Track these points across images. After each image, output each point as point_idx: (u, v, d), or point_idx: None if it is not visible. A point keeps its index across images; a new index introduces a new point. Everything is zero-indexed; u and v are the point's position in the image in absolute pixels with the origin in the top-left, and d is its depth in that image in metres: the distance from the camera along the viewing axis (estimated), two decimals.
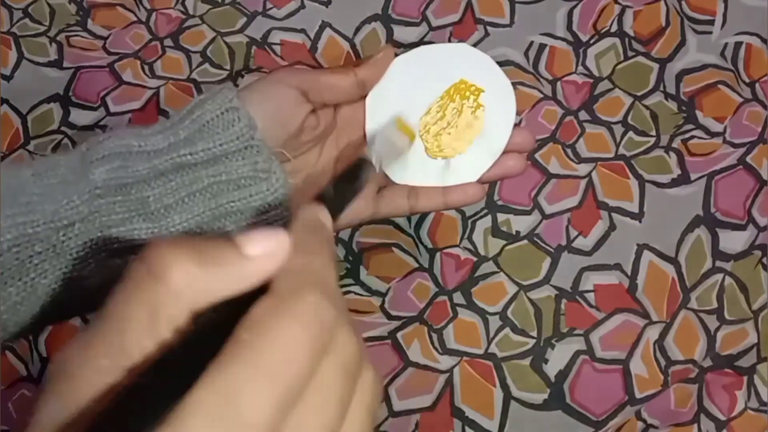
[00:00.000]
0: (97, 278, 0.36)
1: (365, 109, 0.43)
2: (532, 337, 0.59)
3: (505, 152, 0.43)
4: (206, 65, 0.71)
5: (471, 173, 0.43)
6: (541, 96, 0.68)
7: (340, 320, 0.22)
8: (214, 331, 0.22)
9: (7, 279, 0.34)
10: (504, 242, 0.63)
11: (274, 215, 0.38)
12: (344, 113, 0.43)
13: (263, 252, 0.23)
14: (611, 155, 0.65)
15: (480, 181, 0.43)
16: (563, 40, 0.71)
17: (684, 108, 0.67)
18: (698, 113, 0.67)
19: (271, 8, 0.74)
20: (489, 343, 0.59)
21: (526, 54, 0.71)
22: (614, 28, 0.70)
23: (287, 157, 0.39)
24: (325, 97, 0.40)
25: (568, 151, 0.66)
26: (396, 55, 0.43)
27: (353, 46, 0.72)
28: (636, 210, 0.63)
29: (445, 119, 0.44)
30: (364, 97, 0.43)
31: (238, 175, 0.37)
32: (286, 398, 0.20)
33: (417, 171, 0.43)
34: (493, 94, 0.46)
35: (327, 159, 0.43)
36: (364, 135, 0.43)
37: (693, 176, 0.64)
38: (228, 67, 0.71)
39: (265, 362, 0.20)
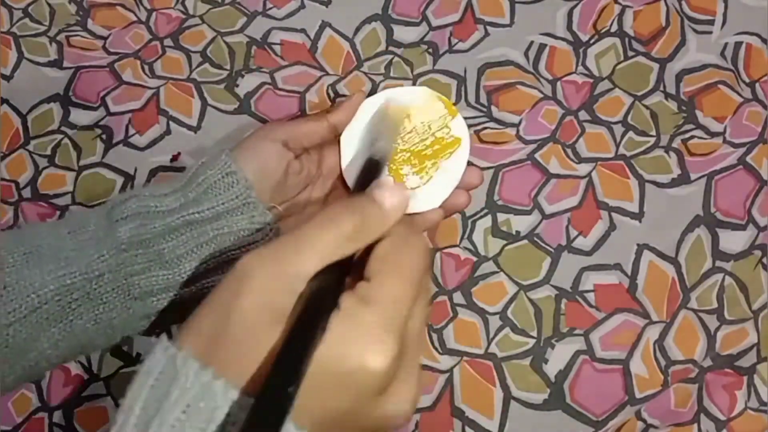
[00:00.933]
0: (120, 318, 0.44)
1: (339, 148, 0.51)
2: (532, 337, 0.59)
3: (456, 188, 0.50)
4: (206, 65, 0.71)
5: (432, 201, 0.50)
6: (541, 96, 0.68)
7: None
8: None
9: (51, 322, 0.41)
10: (504, 242, 0.63)
11: None
12: (328, 159, 0.52)
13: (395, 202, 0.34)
14: (611, 155, 0.65)
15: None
16: (563, 40, 0.71)
17: (684, 108, 0.67)
18: (698, 113, 0.67)
19: (271, 8, 0.74)
20: (489, 343, 0.59)
21: (526, 54, 0.71)
22: (614, 28, 0.70)
23: (278, 209, 0.47)
24: (303, 143, 0.49)
25: (568, 151, 0.66)
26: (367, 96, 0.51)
27: (353, 45, 0.72)
28: (636, 210, 0.63)
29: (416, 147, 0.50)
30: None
31: (237, 228, 0.45)
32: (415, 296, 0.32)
33: None
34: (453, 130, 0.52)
35: (316, 200, 0.51)
36: (341, 171, 0.51)
37: (693, 176, 0.64)
38: (228, 67, 0.71)
39: (407, 272, 0.33)
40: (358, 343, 0.30)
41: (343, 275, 0.33)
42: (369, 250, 0.34)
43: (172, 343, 0.32)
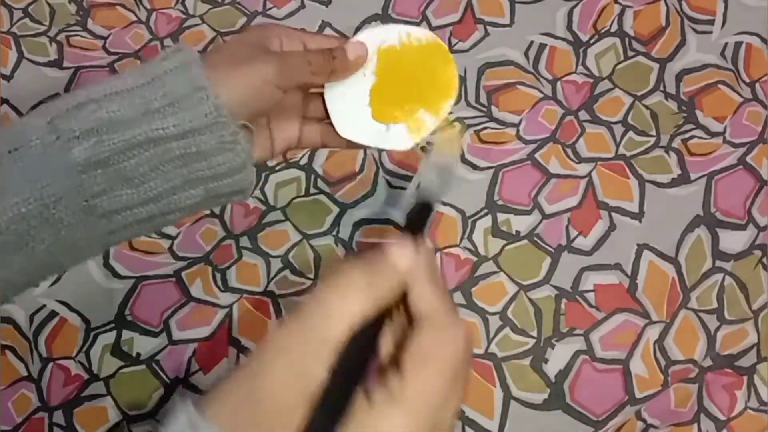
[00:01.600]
0: (85, 237, 0.41)
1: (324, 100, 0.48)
2: (532, 337, 0.59)
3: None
4: None
5: (406, 141, 0.48)
6: (541, 96, 0.68)
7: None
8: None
9: (11, 250, 0.39)
10: (504, 242, 0.63)
11: (239, 179, 0.43)
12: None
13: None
14: (611, 155, 0.65)
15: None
16: (563, 39, 0.71)
17: (684, 108, 0.67)
18: (698, 113, 0.67)
19: (271, 8, 0.74)
20: (489, 343, 0.59)
21: (526, 54, 0.71)
22: (614, 27, 0.70)
23: (251, 128, 0.44)
24: (296, 83, 0.44)
25: (568, 150, 0.66)
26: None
27: None
28: (636, 210, 0.63)
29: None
30: None
31: (206, 147, 0.41)
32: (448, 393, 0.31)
33: (361, 130, 0.48)
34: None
35: (311, 134, 0.49)
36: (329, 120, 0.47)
37: (693, 176, 0.64)
38: None
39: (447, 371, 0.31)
40: None
41: (373, 338, 0.32)
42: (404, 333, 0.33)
43: (196, 409, 0.31)
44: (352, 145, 0.48)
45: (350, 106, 0.47)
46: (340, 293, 0.31)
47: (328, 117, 0.47)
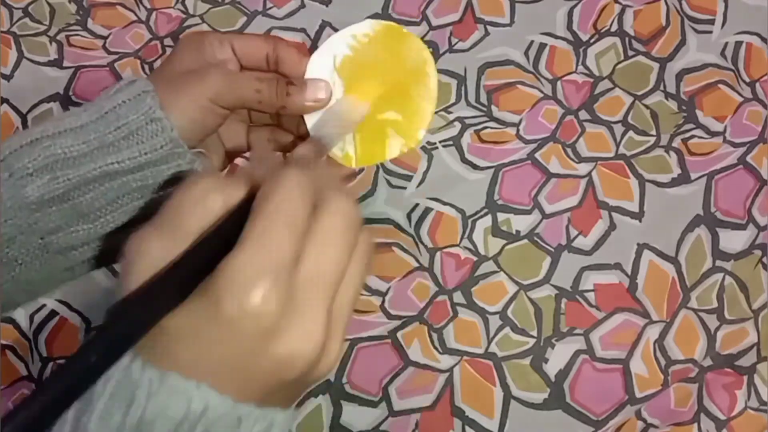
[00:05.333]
0: (41, 274, 0.40)
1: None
2: (532, 337, 0.59)
3: None
4: None
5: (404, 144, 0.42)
6: (541, 95, 0.68)
7: (330, 187, 0.30)
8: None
9: None
10: (504, 242, 0.63)
11: None
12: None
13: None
14: (611, 155, 0.65)
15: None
16: (563, 39, 0.71)
17: (684, 107, 0.67)
18: (698, 113, 0.67)
19: (271, 7, 0.74)
20: (489, 343, 0.59)
21: (526, 53, 0.71)
22: (614, 27, 0.70)
23: (205, 154, 0.43)
24: (242, 106, 0.42)
25: (569, 150, 0.66)
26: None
27: None
28: (636, 209, 0.63)
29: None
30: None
31: (163, 178, 0.41)
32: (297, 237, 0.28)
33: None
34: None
35: (259, 139, 0.46)
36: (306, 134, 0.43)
37: (693, 176, 0.64)
38: None
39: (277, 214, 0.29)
40: (230, 287, 0.28)
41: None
42: None
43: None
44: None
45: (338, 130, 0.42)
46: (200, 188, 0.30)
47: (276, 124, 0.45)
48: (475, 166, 0.66)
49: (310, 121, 0.42)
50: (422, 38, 0.72)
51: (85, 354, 0.26)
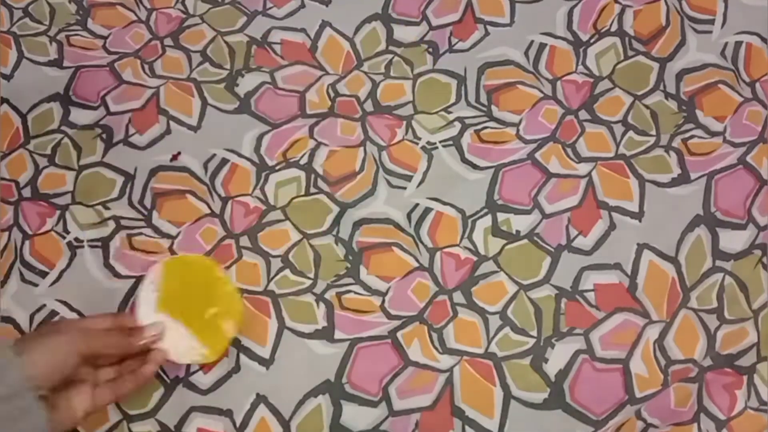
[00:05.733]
0: None
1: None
2: (532, 337, 0.59)
3: None
4: (206, 65, 0.71)
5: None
6: (541, 95, 0.68)
7: None
8: None
9: None
10: (504, 242, 0.63)
11: None
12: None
13: None
14: (611, 155, 0.65)
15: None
16: (563, 39, 0.71)
17: (684, 107, 0.67)
18: (698, 113, 0.67)
19: (271, 7, 0.74)
20: (489, 343, 0.59)
21: (526, 53, 0.71)
22: (614, 27, 0.70)
23: (47, 398, 0.49)
24: (94, 352, 0.51)
25: (569, 150, 0.66)
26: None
27: (353, 45, 0.72)
28: (636, 209, 0.63)
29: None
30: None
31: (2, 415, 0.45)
32: None
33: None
34: None
35: (103, 395, 0.53)
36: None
37: (693, 176, 0.64)
38: (228, 67, 0.71)
39: None
40: None
41: None
42: None
43: None
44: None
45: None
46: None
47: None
48: (475, 166, 0.66)
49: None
50: (422, 38, 0.72)
51: None
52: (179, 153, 0.67)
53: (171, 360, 0.55)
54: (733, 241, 0.61)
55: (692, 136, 0.65)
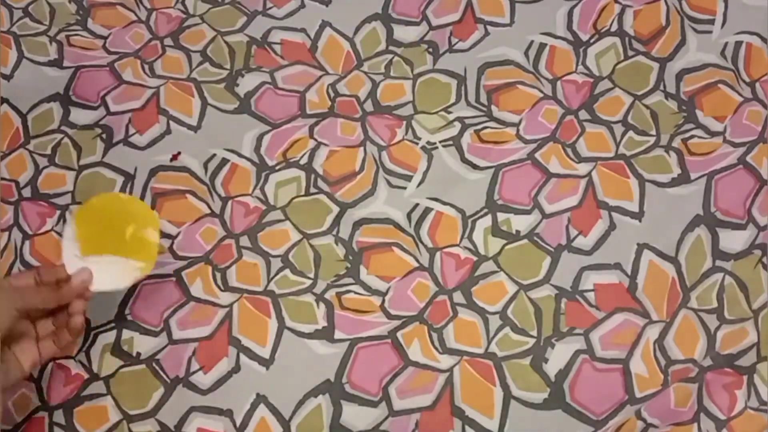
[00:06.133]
0: None
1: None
2: (532, 337, 0.59)
3: None
4: (206, 64, 0.71)
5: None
6: (541, 95, 0.68)
7: None
8: None
9: None
10: (504, 242, 0.63)
11: None
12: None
13: None
14: (611, 155, 0.65)
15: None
16: (563, 39, 0.71)
17: (684, 107, 0.67)
18: (698, 112, 0.67)
19: (271, 7, 0.74)
20: (489, 343, 0.59)
21: (526, 53, 0.71)
22: (614, 27, 0.70)
23: None
24: (30, 306, 0.53)
25: (568, 150, 0.66)
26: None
27: (353, 45, 0.72)
28: (636, 209, 0.63)
29: None
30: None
31: None
32: None
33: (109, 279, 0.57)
34: None
35: (47, 348, 0.55)
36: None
37: (693, 175, 0.64)
38: (228, 67, 0.71)
39: None
40: None
41: None
42: None
43: None
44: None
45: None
46: None
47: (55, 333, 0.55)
48: (475, 166, 0.66)
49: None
50: (422, 38, 0.72)
51: None
52: (179, 153, 0.67)
53: (108, 290, 0.57)
54: (733, 241, 0.61)
55: (692, 136, 0.65)
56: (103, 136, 0.67)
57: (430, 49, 0.72)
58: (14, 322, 0.51)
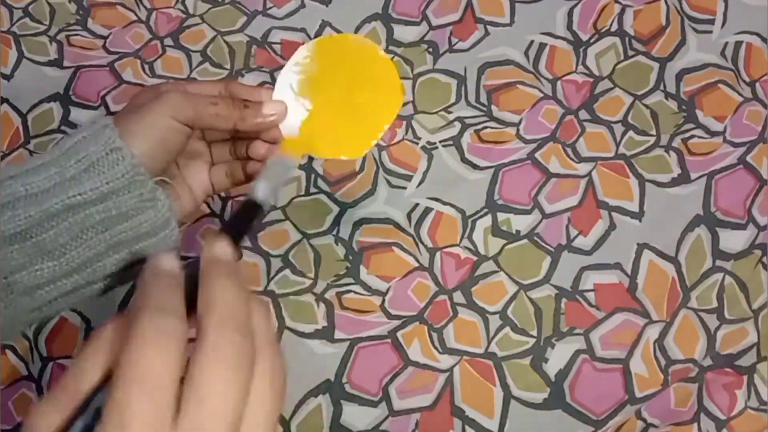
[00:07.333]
0: (7, 316, 0.39)
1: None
2: (532, 337, 0.59)
3: None
4: (206, 64, 0.71)
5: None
6: (541, 95, 0.68)
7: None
8: None
9: None
10: (504, 241, 0.63)
11: (163, 236, 0.43)
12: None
13: None
14: (611, 154, 0.65)
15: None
16: (563, 39, 0.71)
17: (684, 107, 0.67)
18: (698, 112, 0.67)
19: (271, 7, 0.74)
20: (489, 343, 0.59)
21: (526, 53, 0.71)
22: (614, 27, 0.70)
23: (169, 182, 0.44)
24: (200, 121, 0.43)
25: (569, 150, 0.66)
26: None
27: None
28: (636, 209, 0.63)
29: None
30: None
31: (126, 208, 0.40)
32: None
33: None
34: None
35: (220, 177, 0.48)
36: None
37: (693, 175, 0.64)
38: (228, 66, 0.71)
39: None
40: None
41: None
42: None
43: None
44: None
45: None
46: None
47: (234, 159, 0.48)
48: (475, 166, 0.66)
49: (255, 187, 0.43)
50: (422, 38, 0.72)
51: None
52: None
53: (301, 154, 0.46)
54: (733, 241, 0.61)
55: (692, 136, 0.65)
56: None
57: (430, 49, 0.72)
58: (182, 140, 0.43)
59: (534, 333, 0.59)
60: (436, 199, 0.64)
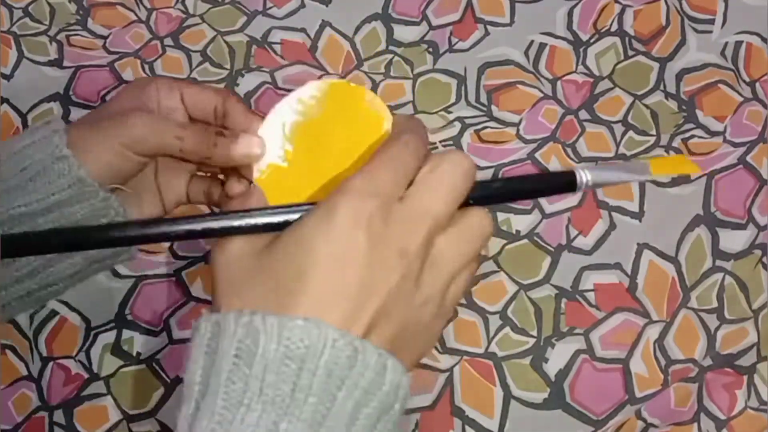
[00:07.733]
0: None
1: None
2: (532, 337, 0.59)
3: None
4: (206, 64, 0.71)
5: None
6: (541, 95, 0.68)
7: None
8: None
9: None
10: (504, 241, 0.62)
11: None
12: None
13: None
14: (611, 154, 0.65)
15: None
16: (563, 39, 0.71)
17: (684, 107, 0.67)
18: (698, 112, 0.67)
19: (271, 7, 0.74)
20: (489, 343, 0.59)
21: (526, 53, 0.71)
22: (614, 27, 0.70)
23: (125, 189, 0.40)
24: (163, 154, 0.40)
25: (569, 150, 0.66)
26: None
27: (353, 45, 0.72)
28: (636, 209, 0.63)
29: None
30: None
31: (77, 218, 0.39)
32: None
33: None
34: None
35: (198, 191, 0.44)
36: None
37: (693, 175, 0.64)
38: (228, 67, 0.71)
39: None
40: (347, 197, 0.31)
41: None
42: None
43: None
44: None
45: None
46: None
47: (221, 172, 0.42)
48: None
49: None
50: (422, 38, 0.72)
51: None
52: None
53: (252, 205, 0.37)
54: (733, 240, 0.61)
55: (692, 136, 0.65)
56: None
57: (430, 49, 0.72)
58: (129, 163, 0.39)
59: (534, 333, 0.59)
60: None
